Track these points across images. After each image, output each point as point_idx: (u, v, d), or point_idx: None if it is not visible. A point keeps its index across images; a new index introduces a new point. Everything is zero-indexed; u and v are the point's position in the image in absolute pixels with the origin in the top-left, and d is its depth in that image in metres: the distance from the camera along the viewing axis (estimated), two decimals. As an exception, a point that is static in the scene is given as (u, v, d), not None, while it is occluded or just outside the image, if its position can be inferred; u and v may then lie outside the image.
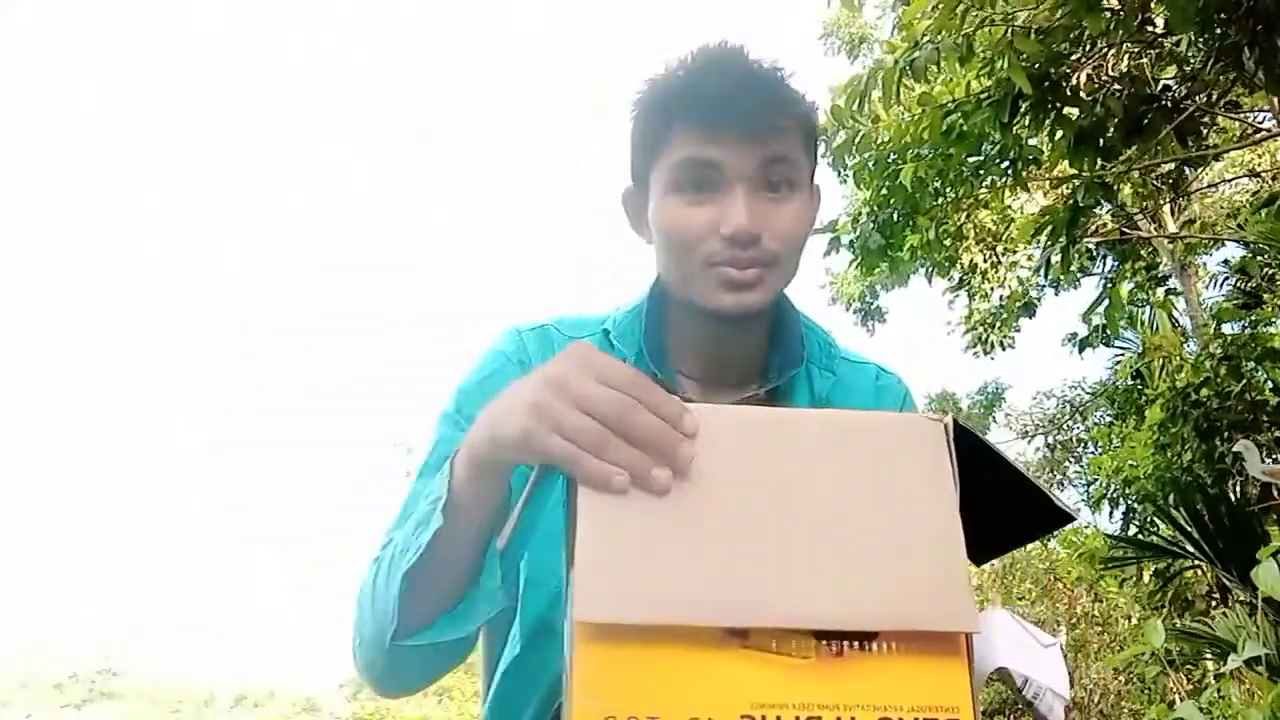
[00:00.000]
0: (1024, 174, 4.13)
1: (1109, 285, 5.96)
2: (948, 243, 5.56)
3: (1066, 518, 0.59)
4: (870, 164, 4.02)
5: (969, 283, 7.23)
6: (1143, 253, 6.25)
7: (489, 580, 0.72)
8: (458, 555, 0.71)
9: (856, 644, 0.55)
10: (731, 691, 0.53)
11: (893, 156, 3.96)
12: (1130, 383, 7.45)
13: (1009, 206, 6.48)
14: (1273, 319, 6.66)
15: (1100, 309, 5.90)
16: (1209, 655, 5.22)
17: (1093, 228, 5.23)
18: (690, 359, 0.94)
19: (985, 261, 7.03)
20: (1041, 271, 4.63)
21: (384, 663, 0.77)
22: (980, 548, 0.62)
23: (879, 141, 3.77)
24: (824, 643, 0.55)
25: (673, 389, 0.84)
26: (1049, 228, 4.08)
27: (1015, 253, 6.92)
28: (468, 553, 0.71)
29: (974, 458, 0.59)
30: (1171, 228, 7.54)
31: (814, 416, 0.63)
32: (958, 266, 6.71)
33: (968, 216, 6.16)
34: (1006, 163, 4.02)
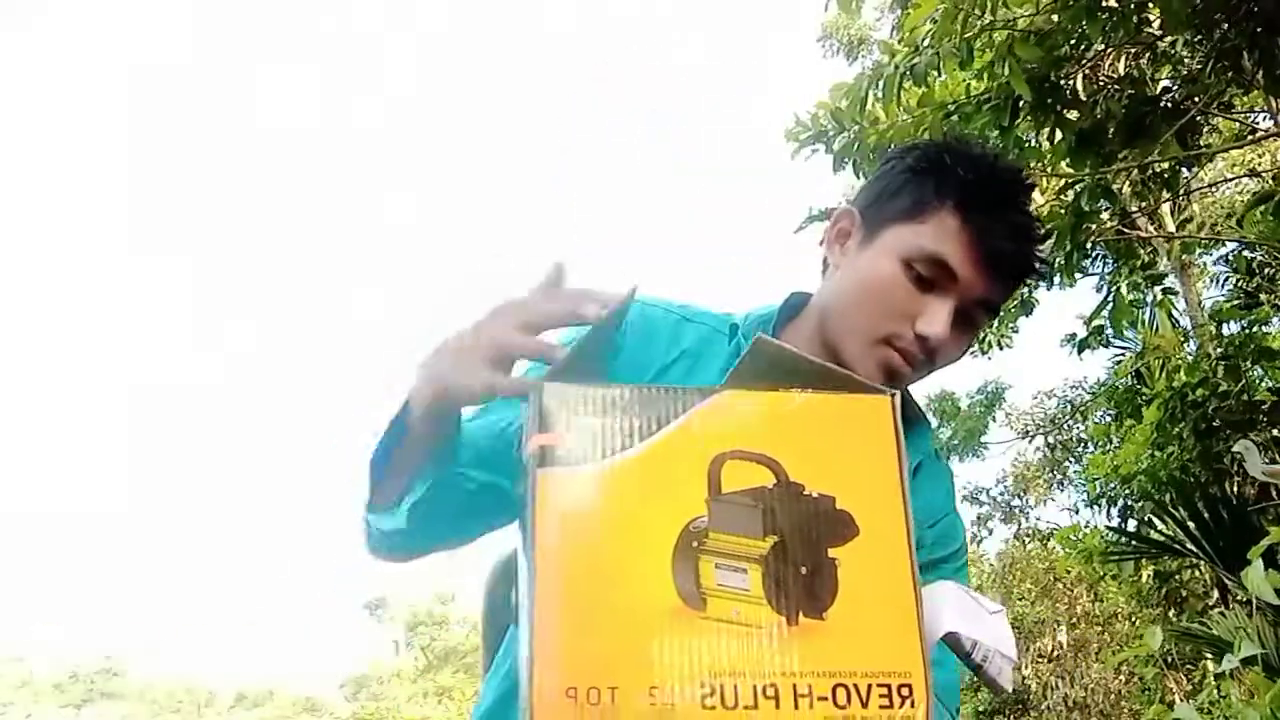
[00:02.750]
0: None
1: (1114, 288, 5.95)
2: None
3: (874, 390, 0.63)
4: (871, 154, 4.02)
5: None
6: (1141, 252, 6.26)
7: (411, 494, 0.77)
8: (403, 465, 0.77)
9: (811, 613, 0.56)
10: (690, 662, 0.54)
11: (892, 146, 3.96)
12: (1130, 383, 7.46)
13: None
14: (1269, 318, 6.68)
15: (1105, 312, 5.90)
16: (1209, 655, 5.23)
17: (1092, 228, 5.23)
18: None
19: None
20: (1046, 276, 4.62)
21: (361, 525, 0.84)
22: None
23: (880, 130, 3.76)
24: (780, 613, 0.56)
25: None
26: (1054, 234, 4.07)
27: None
28: (411, 466, 0.77)
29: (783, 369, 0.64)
30: (1171, 228, 7.55)
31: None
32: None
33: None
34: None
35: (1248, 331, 6.30)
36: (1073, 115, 3.61)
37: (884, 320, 0.88)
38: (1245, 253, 6.96)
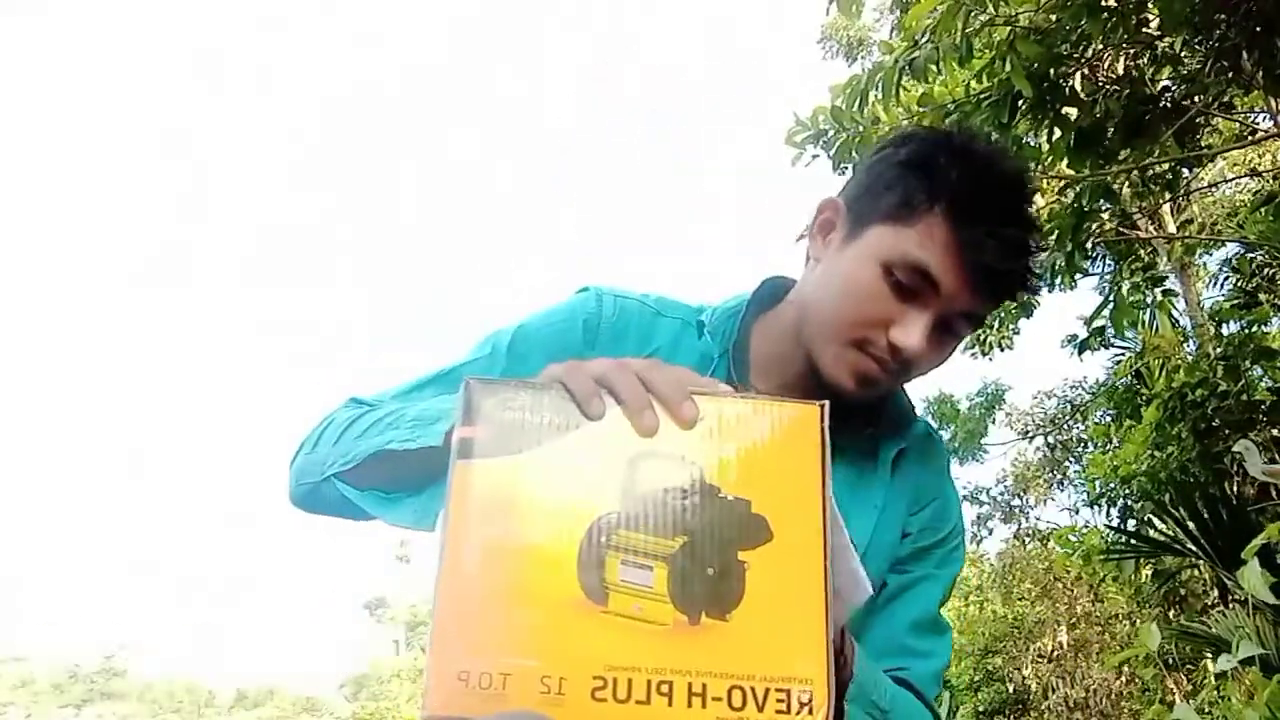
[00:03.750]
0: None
1: (1115, 288, 5.95)
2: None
3: None
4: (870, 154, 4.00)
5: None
6: (1141, 253, 6.26)
7: (418, 502, 0.74)
8: (419, 470, 0.73)
9: (715, 613, 0.57)
10: (586, 654, 0.55)
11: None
12: (1130, 382, 7.46)
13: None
14: (1269, 318, 6.67)
15: (1106, 312, 5.91)
16: (1209, 655, 5.23)
17: (1092, 228, 5.22)
18: (766, 377, 0.93)
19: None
20: (1046, 278, 4.61)
21: (311, 483, 0.82)
22: None
23: (880, 131, 3.76)
24: (681, 611, 0.56)
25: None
26: (1055, 234, 4.07)
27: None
28: (426, 473, 0.73)
29: None
30: (1171, 228, 7.55)
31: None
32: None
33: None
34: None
35: (1247, 331, 6.30)
36: (1072, 114, 3.61)
37: (858, 326, 0.84)
38: (1245, 253, 6.96)
